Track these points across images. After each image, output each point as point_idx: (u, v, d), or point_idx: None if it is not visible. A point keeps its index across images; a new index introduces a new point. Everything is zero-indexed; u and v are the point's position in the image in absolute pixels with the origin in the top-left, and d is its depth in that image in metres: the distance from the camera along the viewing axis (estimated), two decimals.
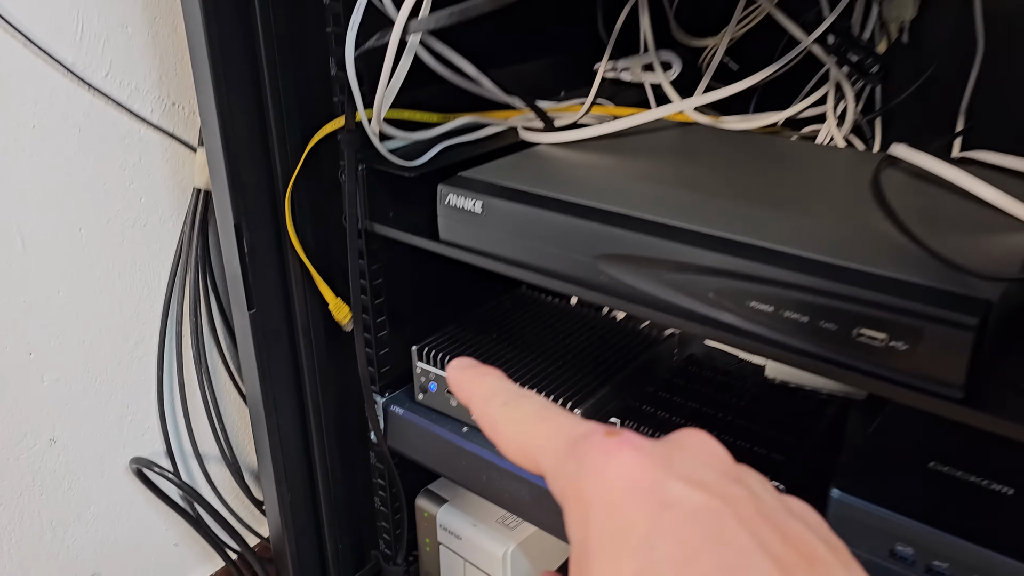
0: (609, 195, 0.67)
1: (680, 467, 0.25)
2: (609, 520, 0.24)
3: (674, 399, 0.75)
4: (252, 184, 0.79)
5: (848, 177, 0.72)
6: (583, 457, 0.26)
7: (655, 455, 0.26)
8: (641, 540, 0.24)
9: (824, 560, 0.24)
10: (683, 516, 0.24)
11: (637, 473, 0.25)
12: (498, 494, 0.79)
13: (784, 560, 0.23)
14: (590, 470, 0.25)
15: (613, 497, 0.25)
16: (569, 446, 0.27)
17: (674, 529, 0.24)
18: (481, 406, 0.31)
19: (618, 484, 0.25)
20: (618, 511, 0.24)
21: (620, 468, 0.25)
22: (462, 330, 0.86)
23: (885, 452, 0.67)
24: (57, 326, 0.88)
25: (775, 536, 0.24)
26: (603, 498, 0.25)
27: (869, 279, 0.53)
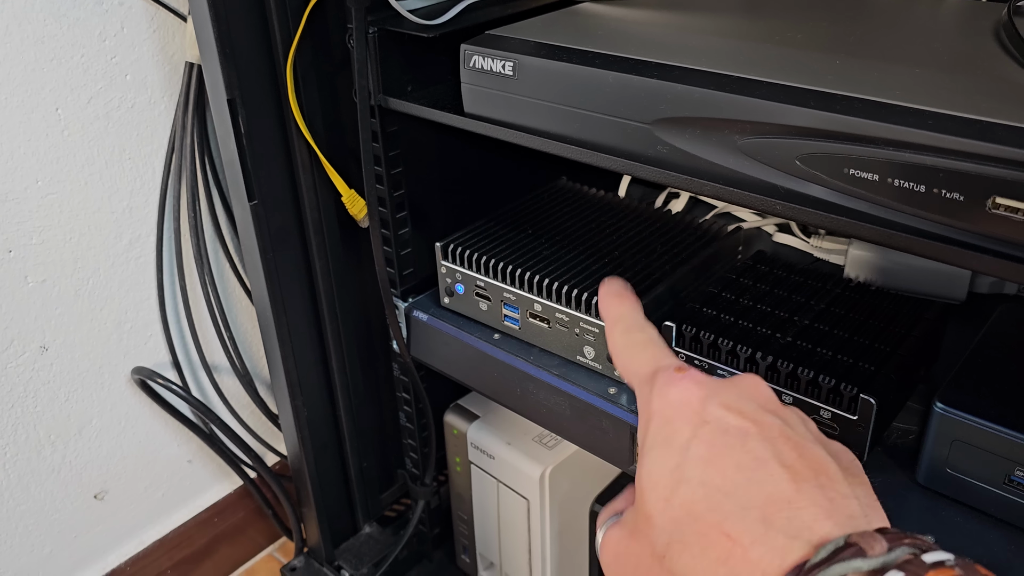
0: (668, 49, 0.56)
1: (725, 397, 0.33)
2: (662, 428, 0.33)
3: (740, 300, 0.65)
4: (247, 52, 0.70)
5: (963, 27, 0.59)
6: (655, 382, 0.35)
7: (708, 386, 0.33)
8: (682, 444, 0.32)
9: (831, 474, 0.30)
10: (717, 430, 0.32)
11: (689, 397, 0.33)
12: (535, 409, 0.70)
13: (792, 467, 0.30)
14: (657, 392, 0.34)
15: (668, 412, 0.33)
16: (650, 375, 0.35)
17: (708, 438, 0.31)
18: (610, 326, 0.40)
19: (673, 403, 0.33)
20: (670, 422, 0.33)
21: (678, 392, 0.33)
22: (494, 225, 0.76)
23: (998, 361, 0.56)
24: (38, 221, 0.79)
25: (792, 452, 0.30)
26: (661, 412, 0.33)
27: (1008, 133, 0.41)
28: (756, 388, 0.34)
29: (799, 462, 0.30)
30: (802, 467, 0.30)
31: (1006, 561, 0.49)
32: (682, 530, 0.30)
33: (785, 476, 0.29)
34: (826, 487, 0.29)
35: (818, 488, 0.29)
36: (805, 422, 0.33)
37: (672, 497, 0.30)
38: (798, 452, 0.30)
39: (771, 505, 0.29)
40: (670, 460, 0.31)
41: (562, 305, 0.66)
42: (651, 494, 0.31)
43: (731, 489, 0.29)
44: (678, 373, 0.34)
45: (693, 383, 0.33)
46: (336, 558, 0.97)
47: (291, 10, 0.69)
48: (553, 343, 0.69)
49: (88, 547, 0.95)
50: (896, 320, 0.62)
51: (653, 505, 0.31)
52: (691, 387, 0.33)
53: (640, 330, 0.38)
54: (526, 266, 0.69)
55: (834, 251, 0.79)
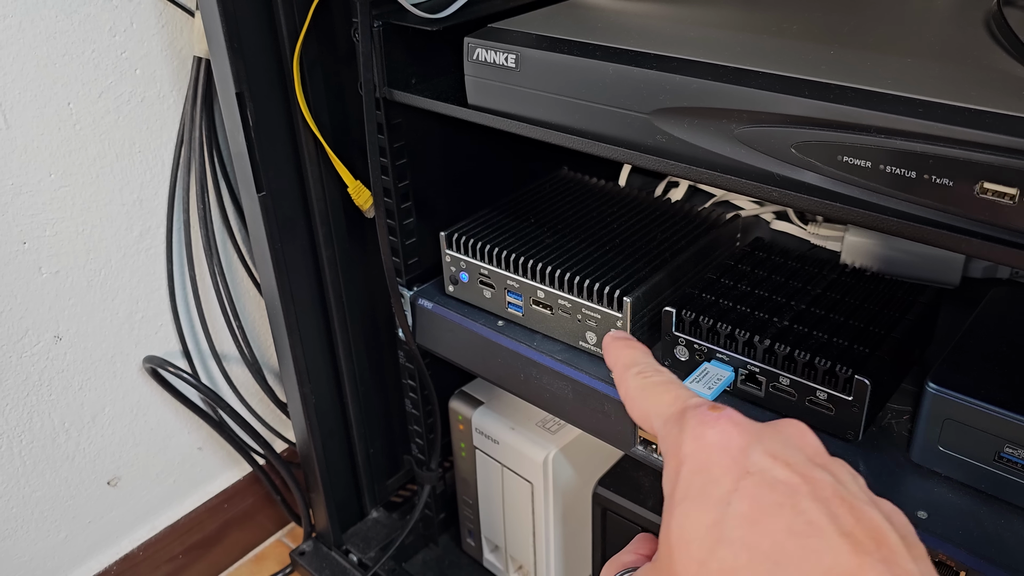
0: (666, 41, 0.57)
1: (770, 444, 0.28)
2: (697, 475, 0.28)
3: (738, 286, 0.66)
4: (254, 47, 0.71)
5: (954, 17, 0.61)
6: (687, 422, 0.30)
7: (749, 430, 0.29)
8: (721, 497, 0.27)
9: (892, 546, 0.26)
10: (762, 483, 0.27)
11: (729, 441, 0.28)
12: (538, 394, 0.72)
13: (852, 535, 0.25)
14: (689, 434, 0.29)
15: (704, 457, 0.28)
16: (679, 413, 0.31)
17: (752, 493, 0.27)
18: (621, 371, 0.36)
19: (711, 446, 0.29)
20: (706, 469, 0.28)
21: (716, 435, 0.29)
22: (497, 215, 0.77)
23: (989, 342, 0.57)
24: (51, 213, 0.81)
25: (848, 517, 0.26)
26: (696, 456, 0.29)
27: (997, 120, 0.43)
28: (803, 436, 0.30)
29: (858, 529, 0.26)
30: (862, 536, 0.26)
31: (996, 535, 0.51)
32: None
33: (845, 547, 0.25)
34: (890, 562, 0.25)
35: (883, 563, 0.25)
36: (856, 478, 0.29)
37: (708, 560, 0.26)
38: (855, 517, 0.26)
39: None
40: (707, 515, 0.27)
41: (565, 292, 0.68)
42: (682, 553, 0.27)
43: (782, 558, 0.25)
44: (713, 412, 0.29)
45: (732, 425, 0.29)
46: (344, 542, 0.99)
47: (297, 5, 0.71)
48: (556, 329, 0.70)
49: (102, 532, 0.97)
50: (891, 304, 0.63)
51: (684, 567, 0.27)
52: (730, 429, 0.29)
53: (657, 372, 0.35)
54: (529, 254, 0.70)
55: (831, 238, 0.80)
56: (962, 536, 0.51)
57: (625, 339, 0.38)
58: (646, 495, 0.74)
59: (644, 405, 0.33)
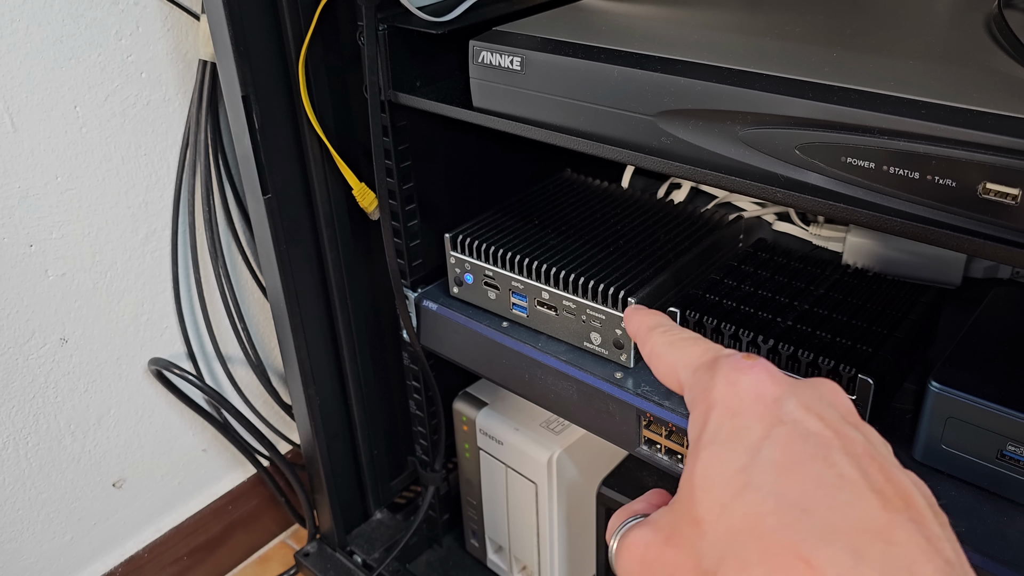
0: (670, 44, 0.58)
1: (804, 397, 0.28)
2: (728, 419, 0.28)
3: (742, 287, 0.66)
4: (260, 50, 0.72)
5: (956, 19, 0.61)
6: (718, 370, 0.30)
7: (784, 382, 0.29)
8: (752, 443, 0.27)
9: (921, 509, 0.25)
10: (796, 434, 0.27)
11: (764, 389, 0.28)
12: (542, 395, 0.72)
13: (882, 492, 0.25)
14: (722, 379, 0.29)
15: (737, 402, 0.28)
16: (710, 362, 0.30)
17: (784, 442, 0.26)
18: (645, 332, 0.35)
19: (744, 393, 0.28)
20: (738, 415, 0.28)
21: (751, 381, 0.28)
22: (501, 216, 0.77)
23: (991, 341, 0.58)
24: (57, 215, 0.81)
25: (879, 475, 0.26)
26: (727, 401, 0.28)
27: (998, 121, 0.43)
28: (836, 395, 0.30)
29: (888, 488, 0.25)
30: (892, 494, 0.25)
31: (999, 532, 0.51)
32: (743, 545, 0.25)
33: (876, 502, 0.25)
34: (919, 522, 0.25)
35: (912, 523, 0.25)
36: (886, 444, 0.29)
37: (733, 504, 0.26)
38: (885, 476, 0.26)
39: (862, 534, 0.24)
40: (735, 459, 0.26)
41: (569, 293, 0.68)
42: (705, 496, 0.26)
43: (812, 506, 0.25)
44: (747, 360, 0.29)
45: (767, 374, 0.28)
46: (348, 544, 0.99)
47: (303, 8, 0.71)
48: (560, 330, 0.71)
49: (107, 534, 0.97)
50: (893, 304, 0.64)
51: (707, 509, 0.26)
52: (765, 378, 0.28)
53: (682, 330, 0.34)
54: (533, 255, 0.71)
55: (833, 238, 0.81)
56: (965, 533, 0.52)
57: (643, 308, 0.38)
58: None
59: (671, 358, 0.33)
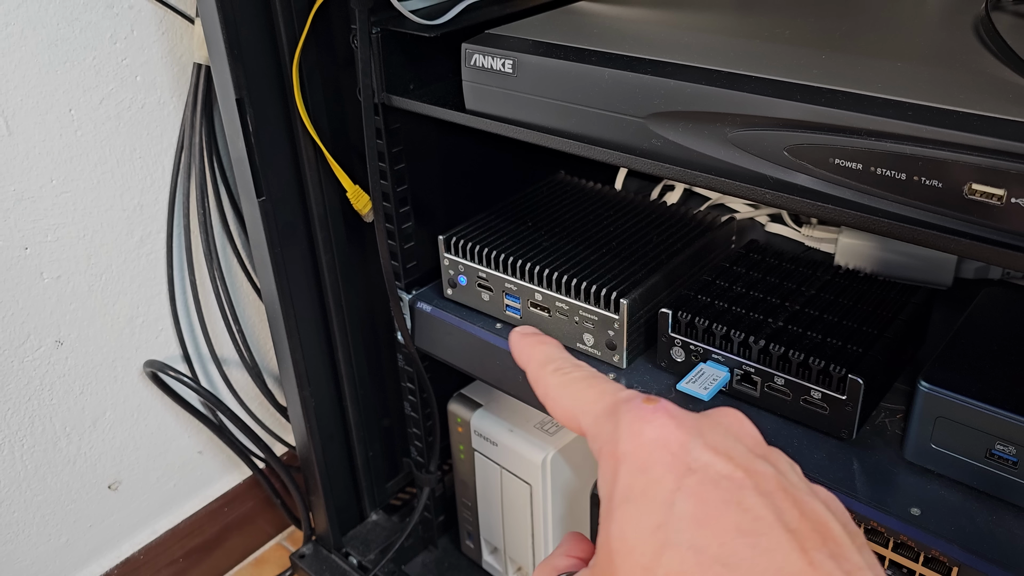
0: (661, 47, 0.58)
1: (710, 437, 0.27)
2: (637, 476, 0.26)
3: (733, 288, 0.67)
4: (254, 53, 0.72)
5: (944, 22, 0.62)
6: (620, 419, 0.27)
7: (688, 424, 0.27)
8: (664, 497, 0.25)
9: (838, 539, 0.25)
10: (706, 480, 0.25)
11: (668, 437, 0.26)
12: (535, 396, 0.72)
13: (799, 531, 0.25)
14: (625, 431, 0.27)
15: (643, 456, 0.26)
16: (610, 409, 0.28)
17: (697, 491, 0.25)
18: (536, 369, 0.32)
19: (649, 445, 0.26)
20: (646, 469, 0.26)
21: (653, 431, 0.26)
22: (494, 218, 0.78)
23: (981, 341, 0.58)
24: (53, 218, 0.81)
25: (793, 511, 0.25)
26: (634, 455, 0.26)
27: (983, 123, 0.43)
28: (741, 426, 0.29)
29: (803, 523, 0.25)
30: (808, 531, 0.25)
31: (988, 531, 0.52)
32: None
33: (794, 544, 0.24)
34: (838, 556, 0.25)
35: (831, 559, 0.25)
36: (794, 467, 0.28)
37: (654, 566, 0.25)
38: (800, 510, 0.26)
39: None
40: (650, 518, 0.25)
41: (562, 294, 0.69)
42: (625, 560, 0.25)
43: (731, 559, 0.24)
44: (648, 405, 0.27)
45: (670, 418, 0.27)
46: (344, 545, 0.99)
47: (296, 12, 0.71)
48: (553, 331, 0.71)
49: (103, 536, 0.97)
50: (883, 305, 0.64)
51: (628, 574, 0.25)
52: (669, 423, 0.27)
53: (576, 367, 0.31)
54: (526, 257, 0.71)
55: (825, 240, 0.81)
56: (954, 532, 0.52)
57: (535, 334, 0.34)
58: None
59: (568, 403, 0.30)
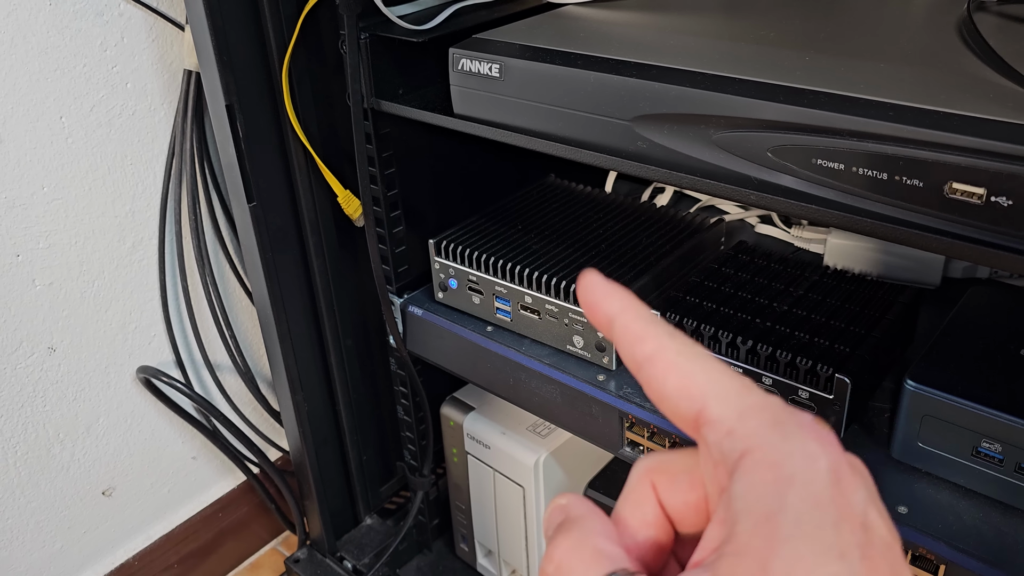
0: (646, 50, 0.58)
1: (870, 487, 0.25)
2: (812, 509, 0.24)
3: (722, 289, 0.67)
4: (244, 59, 0.72)
5: (928, 23, 0.62)
6: (790, 431, 0.25)
7: (856, 466, 0.25)
8: (842, 550, 0.23)
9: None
10: (875, 543, 0.24)
11: (843, 473, 0.24)
12: (527, 398, 0.73)
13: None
14: (799, 448, 0.25)
15: (820, 488, 0.24)
16: (772, 412, 0.25)
17: (867, 553, 0.24)
18: (639, 324, 0.27)
19: (826, 476, 0.24)
20: (821, 505, 0.24)
21: (831, 462, 0.24)
22: (485, 222, 0.78)
23: (966, 340, 0.59)
24: (44, 225, 0.82)
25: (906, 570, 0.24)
26: (810, 483, 0.24)
27: (963, 122, 0.44)
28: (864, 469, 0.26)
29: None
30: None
31: (974, 528, 0.52)
32: None
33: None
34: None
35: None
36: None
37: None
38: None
39: None
40: (827, 567, 0.23)
41: (551, 297, 0.69)
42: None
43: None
44: (822, 428, 0.25)
45: (841, 453, 0.25)
46: (338, 549, 0.99)
47: (285, 18, 0.72)
48: (544, 334, 0.71)
49: (97, 542, 0.97)
50: (871, 305, 0.64)
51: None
52: (842, 460, 0.25)
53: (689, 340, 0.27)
54: (516, 260, 0.71)
55: (814, 240, 0.82)
56: (941, 530, 0.52)
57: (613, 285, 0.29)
58: None
59: (700, 379, 0.26)
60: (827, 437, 0.25)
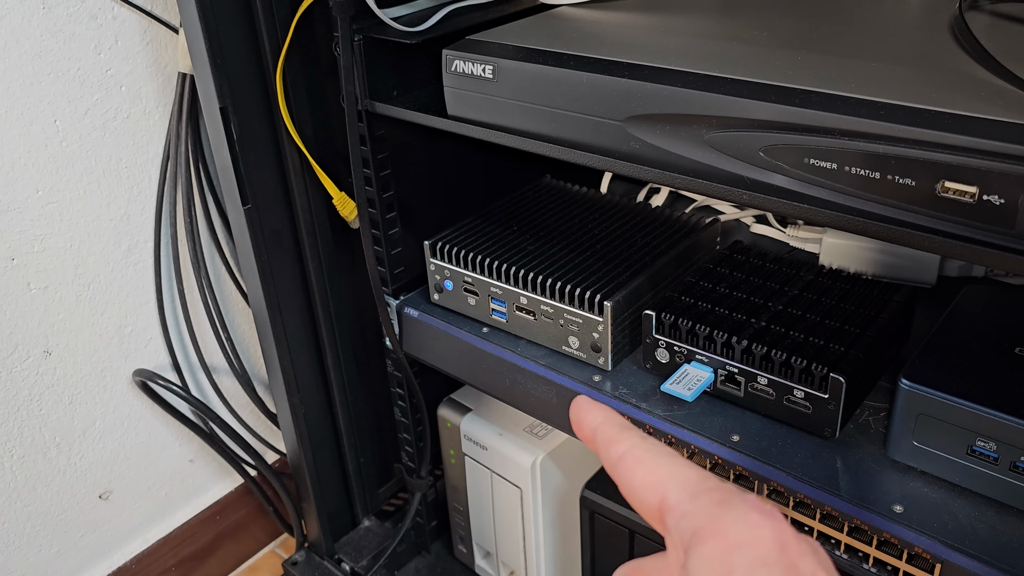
0: (639, 50, 0.58)
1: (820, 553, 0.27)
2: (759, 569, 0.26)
3: (717, 289, 0.67)
4: (237, 62, 0.72)
5: (921, 21, 0.62)
6: (734, 505, 0.27)
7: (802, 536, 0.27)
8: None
9: None
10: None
11: (787, 539, 0.26)
12: (523, 399, 0.72)
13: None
14: (741, 519, 0.27)
15: (764, 552, 0.26)
16: (719, 494, 0.28)
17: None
18: (615, 432, 0.32)
19: (772, 542, 0.26)
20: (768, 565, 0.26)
21: (776, 529, 0.27)
22: (480, 223, 0.78)
23: (961, 339, 0.58)
24: (39, 229, 0.82)
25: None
26: (754, 547, 0.26)
27: (955, 121, 0.44)
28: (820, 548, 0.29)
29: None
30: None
31: (970, 528, 0.52)
32: None
33: None
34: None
35: None
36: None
37: None
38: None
39: None
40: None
41: (547, 298, 0.69)
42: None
43: None
44: (766, 504, 0.28)
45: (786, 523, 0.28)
46: (336, 551, 0.99)
47: (279, 20, 0.72)
48: (539, 335, 0.71)
49: (94, 546, 0.97)
50: (866, 304, 0.64)
51: None
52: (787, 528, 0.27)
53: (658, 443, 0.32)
54: (511, 261, 0.71)
55: (810, 240, 0.81)
56: (937, 529, 0.52)
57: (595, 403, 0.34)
58: None
59: (661, 471, 0.29)
60: (771, 512, 0.27)
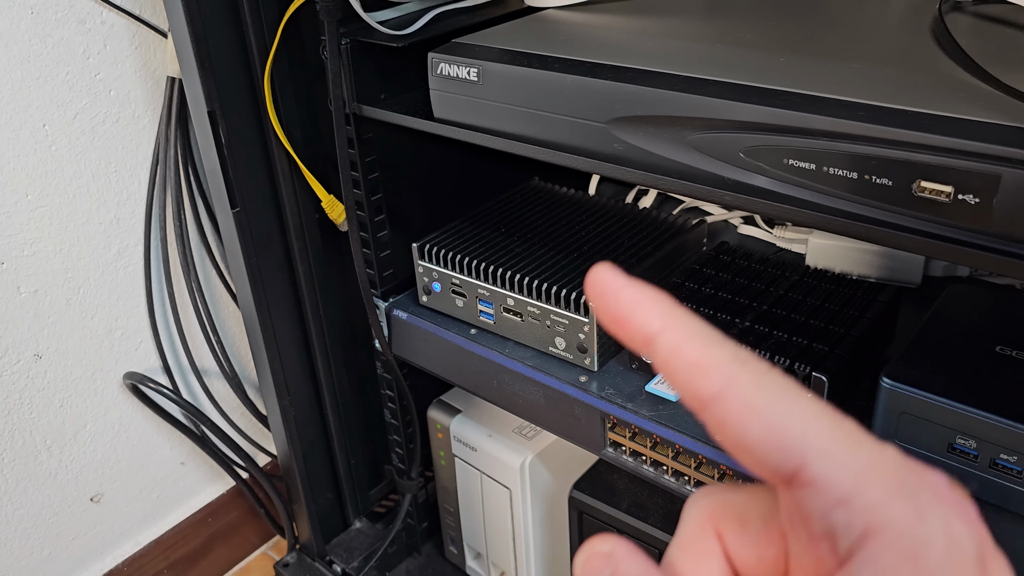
0: (623, 52, 0.59)
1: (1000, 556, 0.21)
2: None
3: (702, 289, 0.68)
4: (225, 66, 0.72)
5: (904, 23, 0.63)
6: (926, 506, 0.20)
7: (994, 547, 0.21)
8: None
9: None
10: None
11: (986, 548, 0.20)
12: (511, 400, 0.73)
13: None
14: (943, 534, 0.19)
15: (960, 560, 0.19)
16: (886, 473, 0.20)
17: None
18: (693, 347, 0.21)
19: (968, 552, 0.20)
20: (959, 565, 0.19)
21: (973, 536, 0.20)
22: (468, 225, 0.78)
23: (944, 338, 0.59)
24: (29, 233, 0.82)
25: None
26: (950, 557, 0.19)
27: (930, 121, 0.44)
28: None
29: None
30: None
31: None
32: None
33: None
34: None
35: None
36: None
37: None
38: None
39: None
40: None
41: (533, 299, 0.69)
42: None
43: None
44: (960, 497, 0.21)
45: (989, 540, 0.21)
46: (327, 553, 0.99)
47: (267, 24, 0.72)
48: (526, 336, 0.72)
49: (85, 549, 0.97)
50: (851, 304, 0.65)
51: None
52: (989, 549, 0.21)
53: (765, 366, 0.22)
54: (499, 263, 0.72)
55: (796, 240, 0.82)
56: None
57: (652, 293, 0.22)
58: (620, 497, 0.76)
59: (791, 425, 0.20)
60: (969, 512, 0.20)
